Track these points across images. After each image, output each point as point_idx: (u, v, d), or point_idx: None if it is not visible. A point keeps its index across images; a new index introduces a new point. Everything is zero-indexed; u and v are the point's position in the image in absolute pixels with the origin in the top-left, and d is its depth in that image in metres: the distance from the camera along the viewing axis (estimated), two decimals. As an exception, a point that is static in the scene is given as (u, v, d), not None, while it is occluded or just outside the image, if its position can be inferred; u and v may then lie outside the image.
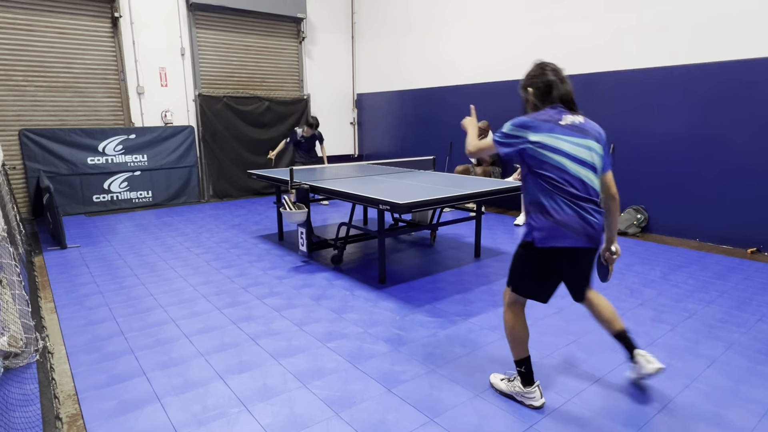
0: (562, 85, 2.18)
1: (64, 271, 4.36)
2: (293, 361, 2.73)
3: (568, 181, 2.04)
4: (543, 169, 2.06)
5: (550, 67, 2.22)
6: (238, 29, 8.27)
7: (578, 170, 2.05)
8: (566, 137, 2.07)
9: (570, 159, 2.05)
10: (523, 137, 2.10)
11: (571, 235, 2.05)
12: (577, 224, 2.04)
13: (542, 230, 2.07)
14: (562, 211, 2.04)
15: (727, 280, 4.03)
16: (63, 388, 2.48)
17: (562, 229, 2.04)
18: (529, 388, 2.27)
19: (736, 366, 2.65)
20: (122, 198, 7.37)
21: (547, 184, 2.06)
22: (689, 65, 5.08)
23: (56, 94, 6.84)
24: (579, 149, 2.07)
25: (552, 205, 2.05)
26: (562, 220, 2.04)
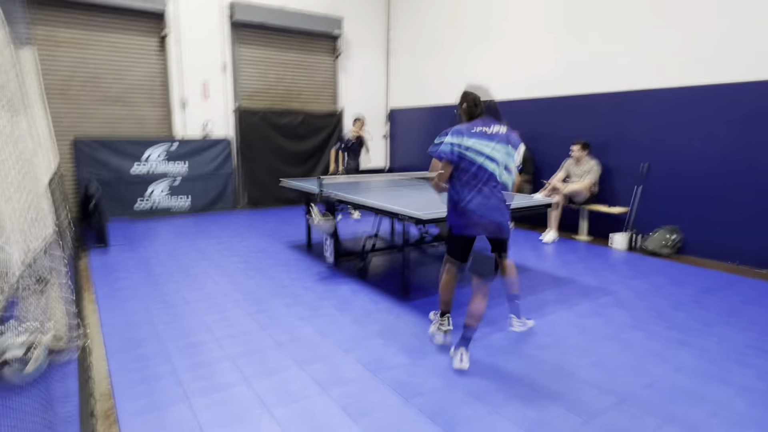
0: (476, 108, 2.92)
1: (106, 273, 4.61)
2: (315, 368, 2.81)
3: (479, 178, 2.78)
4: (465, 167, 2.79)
5: (471, 98, 2.94)
6: (277, 45, 8.59)
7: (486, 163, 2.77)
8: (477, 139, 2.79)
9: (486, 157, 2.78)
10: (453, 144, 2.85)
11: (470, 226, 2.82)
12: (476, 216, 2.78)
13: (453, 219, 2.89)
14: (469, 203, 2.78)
15: (762, 305, 3.89)
16: (99, 386, 2.65)
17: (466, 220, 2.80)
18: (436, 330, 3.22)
19: (766, 394, 2.56)
20: (163, 204, 7.72)
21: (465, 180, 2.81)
22: (724, 84, 4.96)
23: (107, 105, 7.28)
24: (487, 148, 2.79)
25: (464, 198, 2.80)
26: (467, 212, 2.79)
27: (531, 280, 4.53)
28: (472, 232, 2.82)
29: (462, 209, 2.79)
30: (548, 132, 6.85)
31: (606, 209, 5.97)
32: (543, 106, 6.90)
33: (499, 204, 2.79)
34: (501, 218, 2.80)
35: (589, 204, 6.13)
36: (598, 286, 4.35)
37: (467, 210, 2.77)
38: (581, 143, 6.05)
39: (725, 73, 4.98)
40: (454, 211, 2.87)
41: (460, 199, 2.80)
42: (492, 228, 2.78)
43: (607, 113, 6.09)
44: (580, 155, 6.06)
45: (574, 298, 4.06)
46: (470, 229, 2.82)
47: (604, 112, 6.13)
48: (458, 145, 2.78)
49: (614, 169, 6.09)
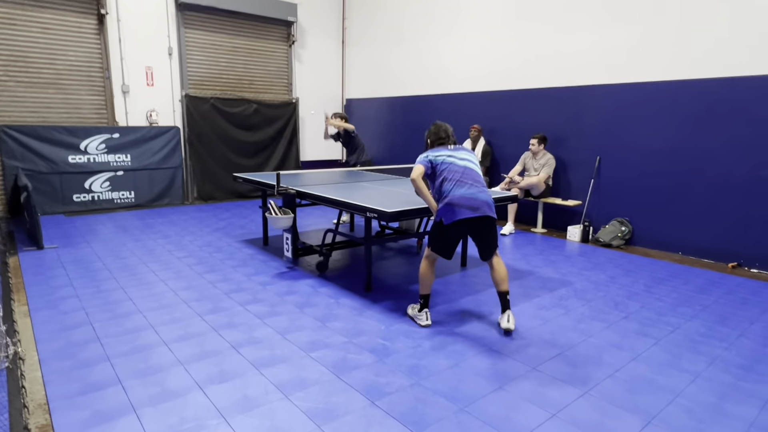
0: (447, 139, 3.44)
1: (39, 273, 4.23)
2: (275, 371, 2.66)
3: (453, 175, 3.16)
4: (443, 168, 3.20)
5: (444, 130, 3.48)
6: (227, 30, 8.20)
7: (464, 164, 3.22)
8: (451, 152, 3.31)
9: (458, 159, 3.24)
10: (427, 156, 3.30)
11: (463, 210, 3.08)
12: (465, 200, 3.10)
13: (445, 211, 3.13)
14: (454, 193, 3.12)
15: (709, 294, 4.08)
16: (33, 397, 2.39)
17: (457, 207, 3.09)
18: (420, 312, 3.35)
19: (719, 382, 2.66)
20: (104, 198, 7.21)
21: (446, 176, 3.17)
22: (674, 81, 5.17)
23: (38, 90, 6.68)
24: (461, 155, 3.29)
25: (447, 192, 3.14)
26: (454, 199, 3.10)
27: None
28: (466, 215, 3.08)
29: (448, 201, 3.11)
30: (506, 125, 6.93)
31: (561, 202, 6.11)
32: (501, 99, 6.96)
33: (480, 189, 3.17)
34: (485, 197, 3.15)
35: (546, 197, 6.25)
36: (557, 278, 4.42)
37: (452, 199, 3.10)
38: (539, 137, 6.15)
39: (674, 70, 5.18)
40: (441, 205, 3.16)
41: (443, 192, 3.16)
42: (479, 207, 3.11)
43: (564, 108, 6.22)
44: (537, 149, 6.16)
45: (534, 290, 4.10)
46: (460, 213, 3.08)
47: (560, 106, 6.25)
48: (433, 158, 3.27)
49: (570, 163, 6.24)
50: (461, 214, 3.09)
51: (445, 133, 3.46)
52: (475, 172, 3.25)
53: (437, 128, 3.50)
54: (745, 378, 2.71)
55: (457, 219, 3.10)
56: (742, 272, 4.73)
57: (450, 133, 3.47)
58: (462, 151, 3.33)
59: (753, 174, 4.72)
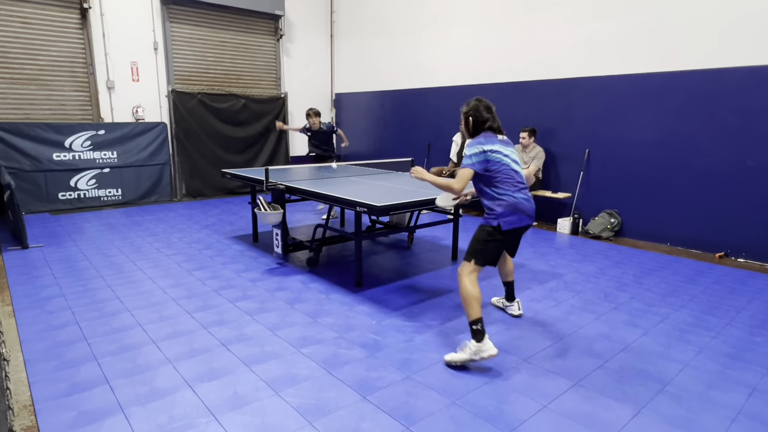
0: (493, 121, 2.88)
1: (24, 273, 4.16)
2: (266, 368, 2.64)
3: (513, 176, 2.79)
4: (497, 166, 2.75)
5: (485, 105, 2.90)
6: (214, 24, 8.09)
7: (517, 168, 2.84)
8: (502, 146, 2.82)
9: (511, 161, 2.81)
10: (484, 150, 2.75)
11: (523, 217, 2.80)
12: (527, 206, 2.81)
13: (505, 216, 2.76)
14: (515, 196, 2.76)
15: (696, 284, 4.12)
16: (18, 399, 2.34)
17: (515, 211, 2.76)
18: (482, 342, 2.62)
19: (707, 370, 2.69)
20: (90, 196, 7.11)
21: (502, 177, 2.76)
22: (661, 73, 5.19)
23: (20, 86, 6.55)
24: (513, 155, 2.85)
25: (505, 193, 2.76)
26: (515, 204, 2.75)
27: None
28: (526, 222, 2.83)
29: (512, 205, 2.75)
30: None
31: (551, 195, 6.13)
32: (491, 92, 6.93)
33: (530, 197, 2.89)
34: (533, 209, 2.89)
35: (535, 190, 6.27)
36: (547, 270, 4.44)
37: (517, 203, 2.76)
38: (529, 130, 6.16)
39: (661, 62, 5.20)
40: (501, 209, 2.75)
41: (500, 194, 2.76)
42: (534, 215, 2.88)
43: (553, 100, 6.23)
44: (528, 142, 6.17)
45: (525, 282, 4.11)
46: (524, 220, 2.81)
47: (549, 99, 6.26)
48: (491, 155, 2.76)
49: (559, 156, 6.25)
50: (523, 221, 2.80)
51: (489, 111, 2.87)
52: (522, 175, 2.90)
53: (480, 104, 2.88)
54: (733, 366, 2.74)
55: (519, 226, 2.80)
56: (729, 262, 4.79)
57: (495, 113, 2.91)
58: (511, 147, 2.88)
59: (739, 164, 4.76)
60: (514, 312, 3.37)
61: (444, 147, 7.57)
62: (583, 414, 2.27)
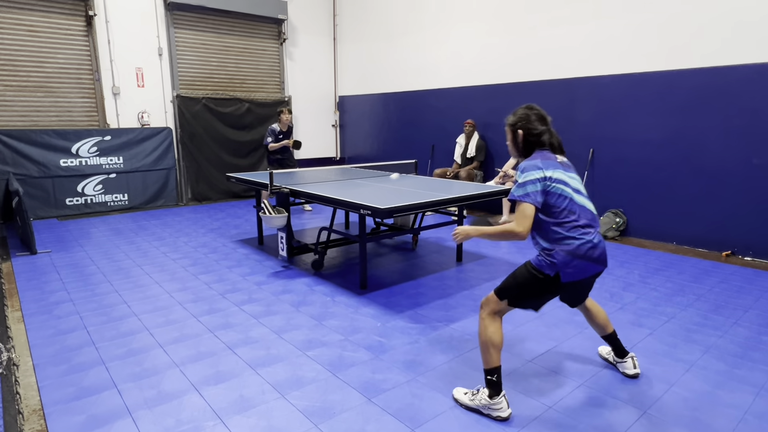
0: (549, 136, 2.31)
1: (33, 278, 4.20)
2: (271, 371, 2.66)
3: (578, 212, 2.18)
4: (561, 205, 2.16)
5: (537, 114, 2.32)
6: (218, 30, 8.14)
7: (582, 201, 2.23)
8: (566, 172, 2.23)
9: (574, 191, 2.21)
10: (545, 177, 2.16)
11: (589, 266, 2.19)
12: (596, 252, 2.18)
13: (567, 265, 2.15)
14: (586, 243, 2.16)
15: (703, 283, 4.10)
16: (28, 403, 2.37)
17: (585, 261, 2.16)
18: (496, 398, 2.22)
19: (714, 370, 2.67)
20: (97, 201, 7.17)
21: (565, 215, 2.16)
22: (666, 71, 5.17)
23: (27, 94, 6.62)
24: (576, 182, 2.25)
25: (569, 236, 2.15)
26: (580, 251, 2.15)
27: (488, 266, 4.55)
28: (595, 270, 2.22)
29: (577, 249, 2.14)
30: (500, 119, 6.91)
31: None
32: (494, 93, 6.95)
33: (601, 237, 2.25)
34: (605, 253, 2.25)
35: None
36: (552, 271, 4.43)
37: (585, 247, 2.14)
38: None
39: (666, 60, 5.18)
40: (562, 256, 2.15)
41: (568, 237, 2.15)
42: (605, 258, 2.26)
43: (556, 100, 6.22)
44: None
45: (529, 283, 4.10)
46: (592, 268, 2.20)
47: (553, 99, 6.25)
48: (550, 182, 2.15)
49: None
50: (591, 269, 2.19)
51: (543, 122, 2.30)
52: (591, 206, 2.27)
53: (530, 113, 2.31)
54: (740, 366, 2.72)
55: (586, 276, 2.21)
56: (735, 260, 4.76)
57: (551, 125, 2.33)
58: (573, 173, 2.27)
59: (746, 163, 4.73)
60: (629, 371, 2.58)
61: (447, 148, 7.57)
62: (588, 414, 2.26)
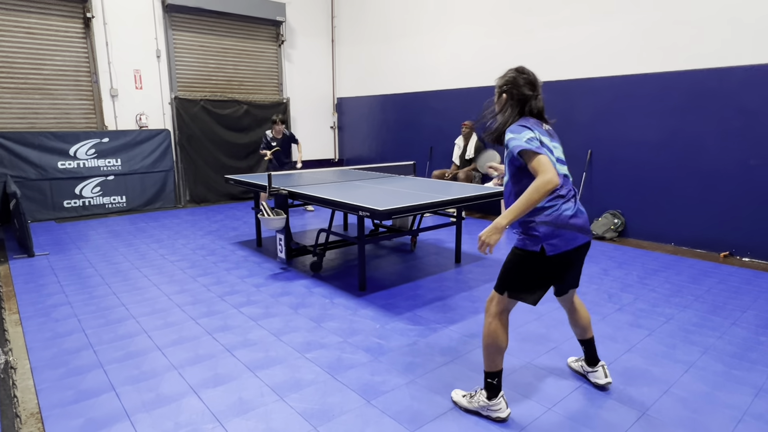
0: (535, 101, 2.21)
1: (30, 281, 4.19)
2: (270, 373, 2.65)
3: (560, 181, 2.07)
4: None
5: (525, 79, 2.22)
6: (216, 31, 8.14)
7: (563, 170, 2.16)
8: (551, 140, 2.16)
9: (557, 160, 2.12)
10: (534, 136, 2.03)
11: (575, 234, 2.10)
12: (579, 219, 2.11)
13: (550, 237, 2.06)
14: (566, 210, 2.08)
15: (701, 284, 4.10)
16: (26, 406, 2.36)
17: (568, 230, 2.07)
18: (495, 400, 2.21)
19: (712, 371, 2.68)
20: (95, 203, 7.16)
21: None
22: (663, 73, 5.18)
23: (25, 96, 6.62)
24: (558, 151, 2.19)
25: (552, 206, 2.07)
26: (564, 220, 2.07)
27: (487, 267, 4.55)
28: (581, 240, 2.11)
29: (559, 218, 2.05)
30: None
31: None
32: (492, 95, 6.95)
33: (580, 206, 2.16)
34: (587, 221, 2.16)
35: (537, 191, 6.25)
36: (550, 272, 4.43)
37: (568, 215, 2.06)
38: (529, 132, 6.14)
39: (663, 61, 5.20)
40: (545, 227, 2.05)
41: (549, 205, 2.06)
42: (589, 228, 2.16)
43: (554, 102, 6.20)
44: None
45: (528, 284, 4.10)
46: (578, 238, 2.09)
47: (550, 100, 6.19)
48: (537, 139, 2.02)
49: (560, 157, 6.24)
50: (577, 240, 2.10)
51: (533, 88, 2.20)
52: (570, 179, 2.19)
53: (519, 76, 2.22)
54: (738, 366, 2.72)
55: (572, 247, 2.09)
56: (733, 261, 4.77)
57: (540, 90, 2.23)
58: (557, 142, 2.20)
59: (743, 164, 4.75)
60: (599, 380, 2.48)
61: (446, 150, 7.58)
62: (588, 416, 2.26)
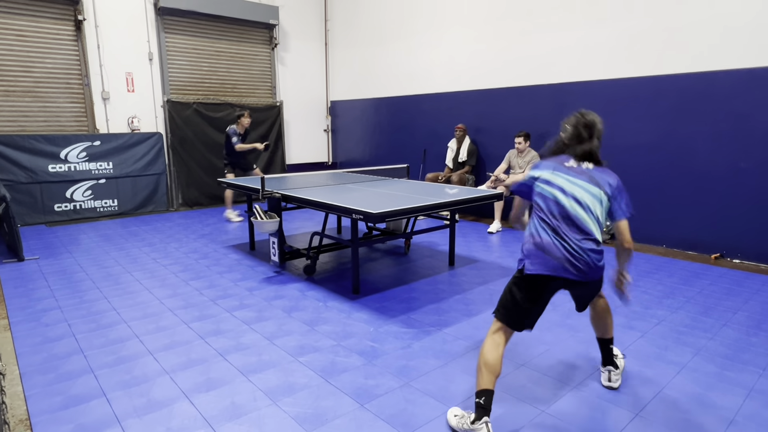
0: (579, 145, 2.31)
1: (20, 285, 4.14)
2: (263, 377, 2.64)
3: (553, 213, 2.17)
4: (539, 199, 2.23)
5: (582, 123, 2.35)
6: (209, 35, 8.12)
7: (572, 205, 2.16)
8: (565, 175, 2.22)
9: (563, 193, 2.18)
10: (533, 176, 2.30)
11: (551, 262, 2.11)
12: (556, 251, 2.11)
13: (529, 256, 2.17)
14: (541, 236, 2.16)
15: (692, 285, 4.13)
16: (14, 413, 2.33)
17: (542, 253, 2.13)
18: (477, 424, 2.04)
19: (704, 372, 2.69)
20: (86, 207, 7.09)
21: (539, 212, 2.21)
22: (654, 76, 5.23)
23: (15, 99, 6.55)
24: (575, 188, 2.18)
25: (536, 231, 2.19)
26: (541, 244, 2.15)
27: (480, 270, 4.56)
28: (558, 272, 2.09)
29: (537, 242, 2.15)
30: (490, 124, 6.96)
31: (546, 199, 6.14)
32: (485, 98, 6.99)
33: (581, 255, 2.10)
34: (585, 269, 2.13)
35: (531, 194, 6.27)
36: (544, 274, 4.44)
37: (544, 242, 2.13)
38: (524, 134, 6.18)
39: (654, 65, 5.24)
40: (526, 246, 2.20)
41: (534, 229, 2.20)
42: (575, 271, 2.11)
43: (546, 105, 6.27)
44: (524, 147, 6.19)
45: (521, 287, 4.11)
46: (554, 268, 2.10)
47: (543, 103, 6.30)
48: (536, 177, 2.27)
49: (553, 160, 6.27)
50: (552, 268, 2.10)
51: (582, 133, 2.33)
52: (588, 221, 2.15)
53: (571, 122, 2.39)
54: (730, 368, 2.74)
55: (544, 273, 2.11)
56: (724, 263, 4.81)
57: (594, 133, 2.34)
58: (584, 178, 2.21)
59: (733, 166, 4.80)
60: (603, 381, 2.53)
61: (439, 153, 7.59)
62: (581, 418, 2.27)
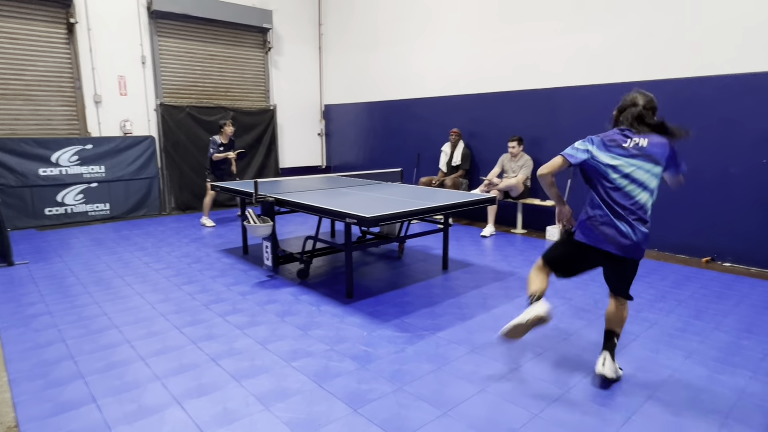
0: (631, 108, 2.59)
1: (9, 290, 4.09)
2: (255, 383, 2.62)
3: (611, 191, 2.40)
4: (596, 177, 2.47)
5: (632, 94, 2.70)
6: (202, 38, 8.11)
7: (626, 185, 2.40)
8: (617, 155, 2.43)
9: (619, 174, 2.40)
10: (585, 149, 2.51)
11: (597, 235, 2.42)
12: (606, 228, 2.40)
13: (581, 224, 2.50)
14: (595, 211, 2.44)
15: (684, 289, 4.16)
16: (3, 420, 2.29)
17: (592, 228, 2.43)
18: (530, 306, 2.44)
19: (696, 375, 2.71)
20: (77, 211, 7.04)
21: (595, 190, 2.47)
22: (645, 81, 5.28)
23: (6, 102, 6.50)
24: (632, 168, 2.41)
25: (591, 206, 2.47)
26: (594, 217, 2.44)
27: (474, 274, 4.57)
28: (605, 246, 2.41)
29: (593, 216, 2.45)
30: (484, 128, 6.99)
31: (540, 203, 6.18)
32: (479, 102, 7.03)
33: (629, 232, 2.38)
34: (635, 242, 2.39)
35: (524, 198, 6.32)
36: (537, 278, 4.46)
37: (598, 217, 2.42)
38: (517, 138, 6.21)
39: (645, 70, 5.30)
40: (583, 215, 2.51)
41: (592, 202, 2.48)
42: (620, 247, 2.39)
43: (539, 109, 6.31)
44: (517, 151, 6.22)
45: (515, 290, 4.13)
46: (602, 242, 2.41)
47: (536, 108, 6.34)
48: (586, 151, 2.49)
49: (545, 164, 6.31)
50: (600, 243, 2.44)
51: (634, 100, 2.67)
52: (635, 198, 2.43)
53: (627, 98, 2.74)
54: (721, 371, 2.76)
55: (591, 244, 2.46)
56: (715, 266, 4.85)
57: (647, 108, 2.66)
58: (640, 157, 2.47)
59: (723, 171, 4.84)
60: (598, 368, 2.61)
61: (433, 156, 7.61)
62: (574, 422, 2.27)
